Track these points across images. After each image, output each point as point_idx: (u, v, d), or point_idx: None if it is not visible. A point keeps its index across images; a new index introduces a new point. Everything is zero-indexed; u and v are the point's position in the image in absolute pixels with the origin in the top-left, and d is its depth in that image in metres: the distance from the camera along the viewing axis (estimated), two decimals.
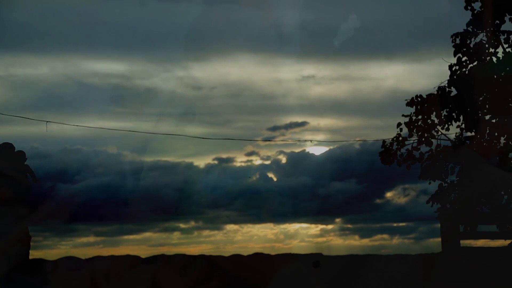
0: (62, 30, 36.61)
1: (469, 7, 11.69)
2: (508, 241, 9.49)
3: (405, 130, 12.42)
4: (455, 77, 11.78)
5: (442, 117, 12.03)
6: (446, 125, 12.10)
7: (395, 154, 12.49)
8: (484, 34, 11.56)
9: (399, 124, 12.35)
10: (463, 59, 11.76)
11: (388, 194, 33.33)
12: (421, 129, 12.21)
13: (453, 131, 12.26)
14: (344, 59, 37.80)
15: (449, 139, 12.30)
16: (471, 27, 11.65)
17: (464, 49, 11.73)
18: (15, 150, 9.12)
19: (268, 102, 39.15)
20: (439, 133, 12.29)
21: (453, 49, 11.74)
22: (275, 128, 35.65)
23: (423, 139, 12.21)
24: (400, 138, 12.38)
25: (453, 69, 11.85)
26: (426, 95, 12.09)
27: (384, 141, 12.60)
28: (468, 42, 11.75)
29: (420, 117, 12.20)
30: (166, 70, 38.85)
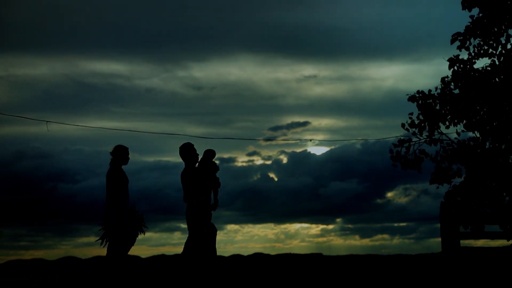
0: (62, 30, 36.60)
1: (466, 9, 11.70)
2: (510, 242, 9.48)
3: (404, 132, 12.43)
4: (457, 69, 11.75)
5: (445, 116, 12.02)
6: (448, 124, 12.09)
7: (403, 157, 12.48)
8: (480, 39, 11.58)
9: (403, 125, 12.32)
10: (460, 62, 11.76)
11: (389, 194, 33.30)
12: (424, 128, 12.20)
13: (453, 130, 12.24)
14: (344, 59, 37.77)
15: (450, 139, 12.29)
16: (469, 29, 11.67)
17: (464, 49, 11.72)
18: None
19: (269, 102, 39.09)
20: (442, 133, 12.28)
21: (453, 48, 11.78)
22: (276, 128, 35.60)
23: (428, 139, 12.22)
24: (405, 139, 12.35)
25: (454, 68, 11.85)
26: (428, 91, 12.08)
27: (391, 150, 12.58)
28: (468, 44, 11.77)
29: (424, 116, 12.18)
30: (166, 70, 38.78)
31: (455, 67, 11.81)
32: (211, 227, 9.34)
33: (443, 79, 11.97)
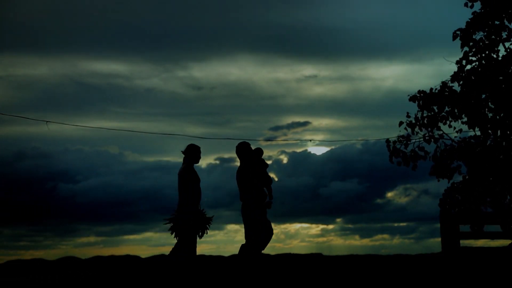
0: (62, 30, 36.56)
1: (469, 5, 11.67)
2: (509, 241, 9.47)
3: (404, 131, 12.40)
4: (462, 74, 11.71)
5: (444, 113, 11.99)
6: (449, 122, 12.06)
7: (401, 153, 12.43)
8: (484, 32, 11.53)
9: (400, 123, 12.28)
10: (469, 53, 11.70)
11: (389, 194, 33.28)
12: (425, 126, 12.16)
13: (456, 128, 12.18)
14: (344, 59, 37.75)
15: (450, 138, 12.26)
16: (469, 26, 11.64)
17: (471, 43, 11.67)
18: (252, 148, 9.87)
19: (269, 102, 39.06)
20: (442, 132, 12.25)
21: (453, 47, 11.75)
22: (277, 128, 35.57)
23: (427, 137, 12.18)
24: (405, 136, 12.31)
25: (463, 62, 11.78)
26: (430, 90, 12.04)
27: (388, 146, 12.51)
28: (471, 40, 11.73)
29: (424, 113, 12.14)
30: (166, 70, 38.76)
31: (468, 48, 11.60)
32: (268, 227, 9.45)
33: (458, 61, 11.73)
